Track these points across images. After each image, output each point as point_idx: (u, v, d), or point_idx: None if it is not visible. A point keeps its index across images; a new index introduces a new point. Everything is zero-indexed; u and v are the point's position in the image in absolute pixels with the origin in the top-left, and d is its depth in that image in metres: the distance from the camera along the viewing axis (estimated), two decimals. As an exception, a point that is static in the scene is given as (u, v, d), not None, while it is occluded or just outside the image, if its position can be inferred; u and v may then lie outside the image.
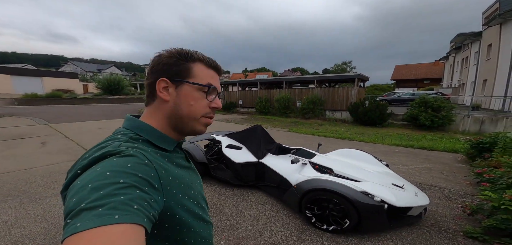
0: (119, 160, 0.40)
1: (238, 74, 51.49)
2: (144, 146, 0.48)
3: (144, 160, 0.42)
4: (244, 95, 16.89)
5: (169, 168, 0.49)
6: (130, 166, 0.39)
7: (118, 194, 0.34)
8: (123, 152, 0.42)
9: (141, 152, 0.44)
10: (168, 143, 0.53)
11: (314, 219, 2.33)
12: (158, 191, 0.42)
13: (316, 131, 8.48)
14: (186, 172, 0.56)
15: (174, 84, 0.53)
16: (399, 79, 32.79)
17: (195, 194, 0.55)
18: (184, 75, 0.53)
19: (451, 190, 3.21)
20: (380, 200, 2.11)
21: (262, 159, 3.18)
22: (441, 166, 4.29)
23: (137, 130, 0.51)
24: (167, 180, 0.46)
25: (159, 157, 0.49)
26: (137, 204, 0.35)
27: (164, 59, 0.53)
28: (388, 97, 18.31)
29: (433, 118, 8.91)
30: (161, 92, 0.53)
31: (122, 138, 0.48)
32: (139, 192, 0.37)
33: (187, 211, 0.50)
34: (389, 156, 5.05)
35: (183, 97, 0.53)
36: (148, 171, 0.41)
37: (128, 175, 0.38)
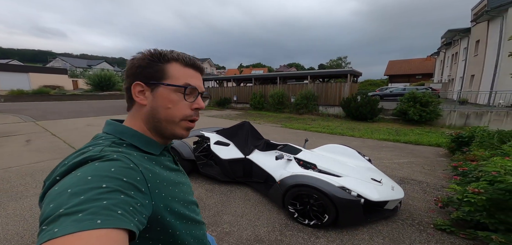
0: (101, 165, 0.38)
1: (234, 70, 51.07)
2: (129, 150, 0.47)
3: (129, 164, 0.41)
4: (239, 91, 16.84)
5: (157, 171, 0.48)
6: (114, 170, 0.38)
7: (101, 199, 0.33)
8: (106, 156, 0.41)
9: (126, 156, 0.43)
10: (154, 147, 0.52)
11: (296, 215, 2.42)
12: (145, 195, 0.41)
13: (309, 126, 8.59)
14: (175, 174, 0.55)
15: (150, 87, 0.52)
16: (393, 74, 33.33)
17: (184, 196, 0.54)
18: (159, 77, 0.51)
19: (429, 183, 3.36)
20: (357, 195, 2.20)
21: (249, 155, 3.23)
22: (423, 160, 4.46)
23: (120, 134, 0.50)
24: (155, 183, 0.45)
25: (146, 160, 0.48)
26: (121, 209, 0.34)
27: (137, 61, 0.52)
28: (380, 93, 18.64)
29: (421, 113, 9.15)
30: (137, 97, 0.52)
31: (103, 142, 0.47)
32: (124, 196, 0.36)
33: (177, 213, 0.49)
34: (376, 151, 5.20)
35: (159, 101, 0.52)
36: (133, 174, 0.40)
37: (112, 179, 0.36)
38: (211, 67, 38.79)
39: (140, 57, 0.52)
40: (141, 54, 0.53)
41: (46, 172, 3.57)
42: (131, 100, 0.53)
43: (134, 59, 0.53)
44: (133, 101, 0.53)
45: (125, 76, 0.54)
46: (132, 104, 0.53)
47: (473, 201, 1.77)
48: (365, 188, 2.36)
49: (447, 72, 22.68)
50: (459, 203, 2.06)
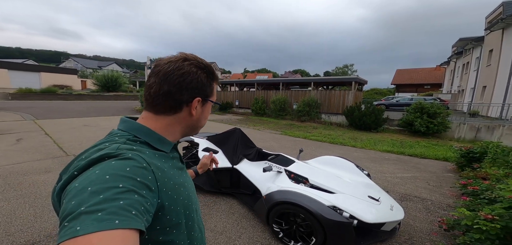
0: (118, 163, 0.40)
1: (238, 75, 51.32)
2: (142, 148, 0.48)
3: (142, 163, 0.42)
4: (241, 95, 16.75)
5: (166, 169, 0.49)
6: (129, 169, 0.39)
7: (118, 199, 0.34)
8: (122, 154, 0.42)
9: (139, 154, 0.44)
10: (166, 145, 0.54)
11: (281, 235, 2.18)
12: (154, 193, 0.42)
13: (309, 135, 8.32)
14: (181, 173, 0.56)
15: (203, 102, 0.57)
16: (400, 83, 32.59)
17: (188, 195, 0.55)
18: (211, 94, 0.59)
19: (433, 201, 3.04)
20: (349, 216, 1.95)
21: (236, 164, 3.02)
22: (429, 175, 4.12)
23: (135, 132, 0.51)
24: (163, 182, 0.46)
25: (156, 157, 0.49)
26: (135, 209, 0.36)
27: (202, 78, 0.55)
28: (386, 102, 18.12)
29: (428, 124, 8.73)
30: (194, 110, 0.56)
31: (119, 139, 0.48)
32: (137, 196, 0.37)
33: (179, 213, 0.50)
34: (378, 163, 4.88)
35: (205, 113, 0.60)
36: (145, 174, 0.41)
37: (127, 179, 0.38)
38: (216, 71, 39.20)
39: (203, 74, 0.55)
40: (201, 70, 0.55)
41: (23, 175, 3.42)
42: (176, 108, 0.54)
43: (197, 74, 0.54)
44: (179, 110, 0.54)
45: (175, 83, 0.53)
46: (174, 112, 0.54)
47: (485, 229, 1.49)
48: (360, 207, 2.10)
49: (458, 82, 21.96)
50: (467, 228, 1.77)
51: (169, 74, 0.52)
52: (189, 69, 0.53)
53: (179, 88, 0.52)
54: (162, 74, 0.52)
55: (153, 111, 0.54)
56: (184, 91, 0.53)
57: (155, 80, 0.52)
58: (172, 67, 0.52)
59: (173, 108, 0.54)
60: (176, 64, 0.53)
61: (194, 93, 0.54)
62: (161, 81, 0.52)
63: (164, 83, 0.52)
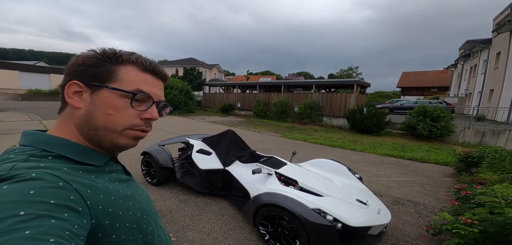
0: (12, 187, 0.31)
1: (241, 77, 51.57)
2: (55, 164, 0.39)
3: (57, 182, 0.34)
4: (243, 97, 16.83)
5: (99, 185, 0.42)
6: (34, 192, 0.31)
7: (20, 229, 0.27)
8: (19, 175, 0.33)
9: (50, 172, 0.35)
10: (95, 158, 0.46)
11: (267, 237, 2.20)
12: (83, 215, 0.35)
13: (309, 137, 8.28)
14: (126, 185, 0.49)
15: (90, 88, 0.44)
16: (406, 86, 32.07)
17: (141, 207, 0.49)
18: (104, 78, 0.44)
19: (426, 205, 3.00)
20: (333, 219, 1.95)
21: (228, 166, 3.06)
22: (426, 179, 4.06)
23: (43, 145, 0.41)
24: (97, 200, 0.39)
25: (82, 173, 0.41)
26: (54, 236, 0.29)
27: (82, 59, 0.44)
28: (390, 105, 17.86)
29: (431, 128, 8.57)
30: (71, 97, 0.44)
31: (17, 157, 0.38)
32: (55, 221, 0.31)
33: (130, 228, 0.44)
34: (375, 167, 4.83)
35: (98, 105, 0.44)
36: (64, 194, 0.34)
37: (33, 204, 0.30)
38: (220, 73, 39.32)
39: (87, 54, 0.45)
40: (90, 51, 0.46)
41: None
42: (64, 102, 0.45)
43: (79, 56, 0.45)
44: (65, 103, 0.45)
45: (64, 73, 0.46)
46: (64, 107, 0.46)
47: (463, 233, 1.48)
48: (346, 210, 2.11)
49: (465, 85, 21.45)
50: (452, 234, 1.75)
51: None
52: (80, 54, 0.46)
53: (64, 76, 0.46)
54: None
55: (58, 111, 0.48)
56: (64, 77, 0.45)
57: None
58: None
59: (62, 103, 0.46)
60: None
61: (69, 78, 0.44)
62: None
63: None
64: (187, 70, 22.01)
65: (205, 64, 33.73)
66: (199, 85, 21.54)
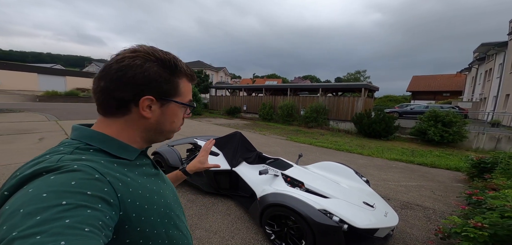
0: (58, 178, 0.34)
1: (247, 80, 51.92)
2: (95, 157, 0.42)
3: (94, 174, 0.37)
4: (249, 100, 16.95)
5: (129, 179, 0.44)
6: (75, 183, 0.34)
7: (62, 218, 0.30)
8: (64, 167, 0.36)
9: (89, 164, 0.38)
10: (128, 152, 0.48)
11: (273, 236, 2.23)
12: (113, 206, 0.38)
13: (315, 141, 8.25)
14: (154, 180, 0.52)
15: (159, 102, 0.49)
16: (416, 90, 31.24)
17: (165, 202, 0.51)
18: (173, 93, 0.51)
19: (436, 210, 2.94)
20: (339, 220, 1.97)
21: (235, 167, 3.12)
22: (436, 185, 3.96)
23: (87, 139, 0.45)
24: (127, 193, 0.42)
25: (115, 167, 0.44)
26: (89, 226, 0.31)
27: (153, 73, 0.47)
28: (400, 110, 17.46)
29: (442, 133, 8.33)
30: (144, 111, 0.48)
31: (65, 149, 0.42)
32: (91, 211, 0.33)
33: (154, 222, 0.46)
34: (383, 171, 4.75)
35: (167, 115, 0.51)
36: (99, 186, 0.37)
37: (73, 195, 0.33)
38: (226, 76, 39.79)
39: (155, 68, 0.47)
40: (152, 63, 0.47)
41: None
42: (125, 110, 0.47)
43: (143, 67, 0.46)
44: (128, 112, 0.48)
45: (117, 79, 0.45)
46: (124, 113, 0.48)
47: (472, 237, 1.47)
48: (352, 212, 2.11)
49: (479, 90, 20.67)
50: (461, 238, 1.73)
51: (107, 68, 0.46)
52: (132, 62, 0.46)
53: (117, 84, 0.45)
54: (102, 69, 0.47)
55: (101, 113, 0.49)
56: (125, 87, 0.45)
57: (97, 75, 0.48)
58: (113, 61, 0.46)
59: (118, 109, 0.47)
60: (117, 57, 0.47)
61: (140, 90, 0.46)
62: (99, 76, 0.47)
63: (101, 79, 0.46)
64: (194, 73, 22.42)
65: (211, 67, 34.25)
66: (205, 88, 21.88)
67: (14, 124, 8.12)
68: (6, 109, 11.90)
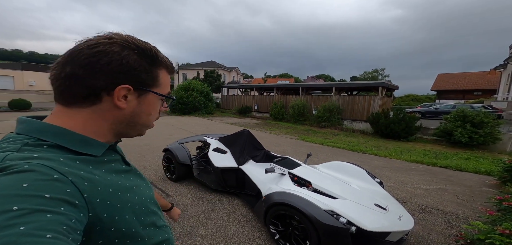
0: (4, 180, 0.30)
1: (259, 79, 51.88)
2: (50, 154, 0.37)
3: (52, 175, 0.33)
4: (260, 100, 16.94)
5: (97, 176, 0.40)
6: (27, 185, 0.30)
7: (15, 225, 0.26)
8: (11, 167, 0.31)
9: (44, 163, 0.34)
10: (93, 147, 0.43)
11: (277, 236, 2.18)
12: (80, 208, 0.34)
13: (327, 141, 7.99)
14: (125, 176, 0.48)
15: (137, 92, 0.46)
16: (442, 89, 28.94)
17: (140, 199, 0.48)
18: (150, 84, 0.47)
19: (459, 216, 2.67)
20: (347, 222, 1.87)
21: (242, 165, 3.12)
22: (461, 189, 3.61)
23: (38, 134, 0.39)
24: (95, 192, 0.38)
25: (78, 164, 0.39)
26: (51, 232, 0.28)
27: (132, 61, 0.43)
28: (422, 109, 16.32)
29: (472, 134, 7.61)
30: (119, 101, 0.44)
31: (10, 146, 0.36)
32: (51, 216, 0.29)
33: (130, 220, 0.44)
34: (401, 173, 4.45)
35: (144, 107, 0.48)
36: (60, 187, 0.33)
37: (26, 198, 0.29)
38: (238, 75, 40.12)
39: (134, 56, 0.44)
40: (131, 50, 0.43)
41: None
42: (94, 98, 0.42)
43: (121, 53, 0.42)
44: (98, 101, 0.42)
45: (88, 64, 0.40)
46: (92, 103, 0.42)
47: (498, 244, 1.30)
48: (362, 214, 2.00)
49: (516, 87, 18.56)
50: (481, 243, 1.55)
51: (76, 52, 0.41)
52: (108, 48, 0.41)
53: (89, 70, 0.40)
54: (68, 53, 0.41)
55: (61, 102, 0.43)
56: (98, 74, 0.40)
57: (60, 60, 0.42)
58: (84, 46, 0.41)
59: (86, 98, 0.42)
60: (89, 42, 0.42)
61: (115, 78, 0.42)
62: (64, 61, 0.41)
63: (67, 63, 0.40)
64: (207, 73, 22.95)
65: (224, 67, 34.77)
66: (218, 88, 22.29)
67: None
68: (39, 108, 13.14)
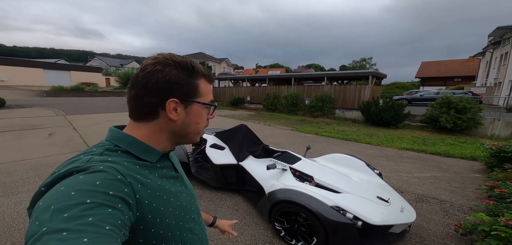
0: (86, 177, 0.38)
1: (250, 70, 51.11)
2: (121, 158, 0.46)
3: (116, 176, 0.40)
4: (253, 91, 16.73)
5: (149, 180, 0.47)
6: (99, 183, 0.37)
7: (86, 216, 0.33)
8: (91, 167, 0.40)
9: (113, 166, 0.42)
10: (151, 154, 0.51)
11: (283, 233, 2.16)
12: (131, 207, 0.40)
13: (321, 131, 8.08)
14: (173, 182, 0.54)
15: (183, 104, 0.52)
16: (425, 76, 30.14)
17: (181, 205, 0.53)
18: (193, 94, 0.53)
19: (453, 204, 2.80)
20: (353, 217, 1.86)
21: (242, 161, 3.03)
22: (452, 176, 3.79)
23: (117, 141, 0.49)
24: (145, 194, 0.44)
25: (137, 168, 0.47)
26: (110, 224, 0.34)
27: (173, 76, 0.50)
28: (408, 96, 16.95)
29: (455, 120, 8.00)
30: (171, 113, 0.51)
31: (97, 150, 0.46)
32: (111, 210, 0.36)
33: (169, 224, 0.48)
34: (394, 162, 4.59)
35: (192, 116, 0.54)
36: (120, 187, 0.40)
37: (97, 194, 0.36)
38: (229, 67, 39.28)
39: (175, 71, 0.50)
40: (172, 67, 0.50)
41: (52, 167, 3.70)
42: (154, 114, 0.51)
43: (164, 71, 0.49)
44: (157, 115, 0.51)
45: (144, 85, 0.49)
46: (153, 117, 0.51)
47: (504, 236, 1.34)
48: (366, 208, 2.01)
49: (494, 74, 19.74)
50: (486, 234, 1.60)
51: (135, 78, 0.51)
52: (153, 68, 0.50)
53: (144, 90, 0.49)
54: (132, 79, 0.52)
55: (133, 118, 0.53)
56: (151, 92, 0.49)
57: (128, 85, 0.53)
58: (139, 70, 0.51)
59: (148, 114, 0.51)
60: (142, 66, 0.51)
61: (163, 94, 0.49)
62: (130, 86, 0.52)
63: (131, 88, 0.51)
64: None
65: (214, 58, 33.80)
66: (209, 80, 21.69)
67: (24, 119, 8.23)
68: (15, 105, 12.13)
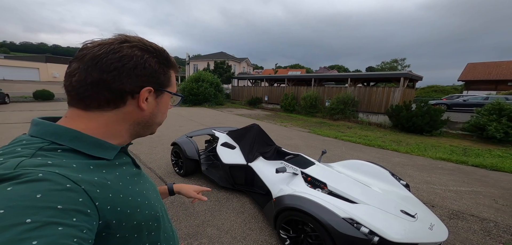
0: (18, 189, 0.28)
1: (269, 70, 50.81)
2: (65, 159, 0.36)
3: (65, 184, 0.31)
4: (271, 91, 16.60)
5: (109, 182, 0.39)
6: (41, 196, 0.29)
7: (28, 239, 0.26)
8: (25, 175, 0.30)
9: (57, 171, 0.32)
10: (106, 150, 0.43)
11: (288, 242, 2.00)
12: (91, 217, 0.33)
13: (341, 134, 7.59)
14: (136, 180, 0.48)
15: (156, 93, 0.48)
16: (471, 79, 26.41)
17: (150, 204, 0.47)
18: (166, 84, 0.50)
19: (498, 223, 2.32)
20: (369, 231, 1.63)
21: (251, 162, 2.93)
22: (499, 192, 3.17)
23: (53, 137, 0.38)
24: (106, 199, 0.37)
25: (92, 169, 0.38)
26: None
27: (151, 63, 0.45)
28: (448, 101, 15.07)
29: (507, 130, 6.82)
30: (143, 103, 0.46)
31: (24, 151, 0.35)
32: (63, 228, 0.28)
33: (136, 226, 0.43)
34: (426, 172, 4.04)
35: (161, 106, 0.51)
36: (73, 197, 0.31)
37: (40, 210, 0.28)
38: (248, 66, 39.60)
39: (153, 59, 0.46)
40: (149, 53, 0.45)
41: None
42: (117, 102, 0.43)
43: (143, 57, 0.44)
44: (122, 104, 0.44)
45: (112, 69, 0.41)
46: (115, 106, 0.43)
47: None
48: (386, 222, 1.75)
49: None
50: None
51: (99, 58, 0.40)
52: (130, 52, 0.42)
53: (117, 75, 0.41)
54: (89, 58, 0.40)
55: (81, 106, 0.42)
56: (125, 78, 0.42)
57: (79, 65, 0.40)
58: (105, 50, 0.41)
59: (111, 102, 0.42)
60: (110, 47, 0.42)
61: (141, 82, 0.43)
62: (87, 67, 0.40)
63: (92, 69, 0.40)
64: (217, 64, 22.82)
65: (234, 58, 34.43)
66: (228, 79, 22.14)
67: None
68: (62, 99, 13.95)
